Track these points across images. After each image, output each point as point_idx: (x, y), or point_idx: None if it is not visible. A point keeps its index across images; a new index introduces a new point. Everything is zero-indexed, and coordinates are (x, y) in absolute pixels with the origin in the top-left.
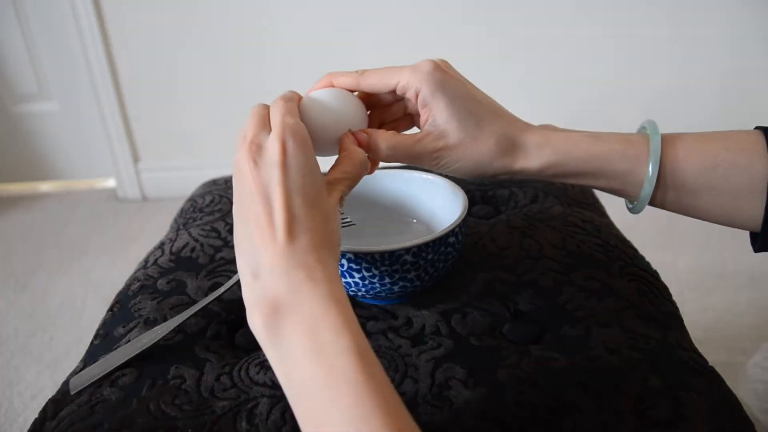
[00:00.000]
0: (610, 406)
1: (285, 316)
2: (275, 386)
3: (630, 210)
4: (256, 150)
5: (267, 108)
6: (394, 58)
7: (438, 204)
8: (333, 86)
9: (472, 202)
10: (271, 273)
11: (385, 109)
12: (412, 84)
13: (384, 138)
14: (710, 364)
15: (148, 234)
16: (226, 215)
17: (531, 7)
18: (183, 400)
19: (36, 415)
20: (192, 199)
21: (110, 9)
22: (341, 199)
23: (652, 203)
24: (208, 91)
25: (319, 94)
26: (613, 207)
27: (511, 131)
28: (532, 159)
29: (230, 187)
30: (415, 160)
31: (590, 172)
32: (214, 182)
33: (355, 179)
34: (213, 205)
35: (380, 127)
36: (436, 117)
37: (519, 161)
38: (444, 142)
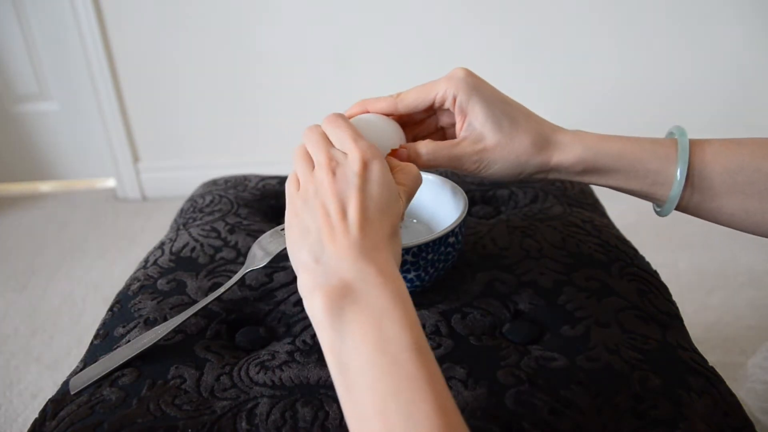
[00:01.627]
0: (610, 406)
1: (351, 303)
2: (275, 386)
3: (658, 213)
4: (336, 165)
5: (320, 128)
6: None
7: (438, 204)
8: (368, 112)
9: (472, 202)
10: (339, 260)
11: (417, 126)
12: (450, 92)
13: (423, 145)
14: (710, 364)
15: (148, 234)
16: (226, 215)
17: (542, 10)
18: (183, 400)
19: (36, 415)
20: (192, 199)
21: (110, 9)
22: (404, 209)
23: (678, 206)
24: (207, 92)
25: (359, 120)
26: (613, 207)
27: (544, 130)
28: (566, 154)
29: (230, 187)
30: (456, 164)
31: (621, 170)
32: (214, 182)
33: (412, 192)
34: (213, 205)
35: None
36: (473, 121)
37: (554, 157)
38: (482, 145)
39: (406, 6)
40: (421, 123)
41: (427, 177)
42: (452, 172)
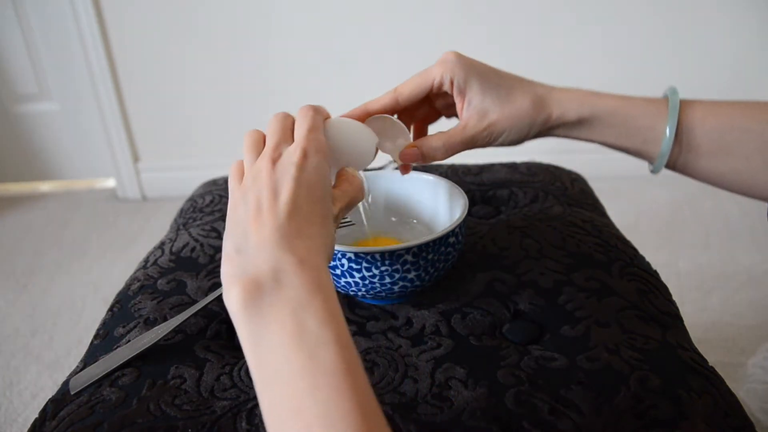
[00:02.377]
0: (610, 406)
1: (267, 296)
2: None
3: (651, 171)
4: (278, 157)
5: (291, 118)
6: (394, 56)
7: (438, 204)
8: (369, 114)
9: (472, 202)
10: (258, 250)
11: (413, 111)
12: (446, 76)
13: (435, 139)
14: (710, 364)
15: (148, 234)
16: (226, 215)
17: (536, 9)
18: (183, 400)
19: (36, 415)
20: (192, 199)
21: (110, 9)
22: (338, 213)
23: (670, 165)
24: (208, 92)
25: (344, 122)
26: (613, 207)
27: (539, 91)
28: (565, 109)
29: None
30: (470, 146)
31: (614, 126)
32: (214, 182)
33: (353, 200)
34: (213, 205)
35: (412, 124)
36: (473, 99)
37: (554, 113)
38: (488, 120)
39: (407, 9)
40: (418, 110)
41: (427, 177)
42: (452, 172)
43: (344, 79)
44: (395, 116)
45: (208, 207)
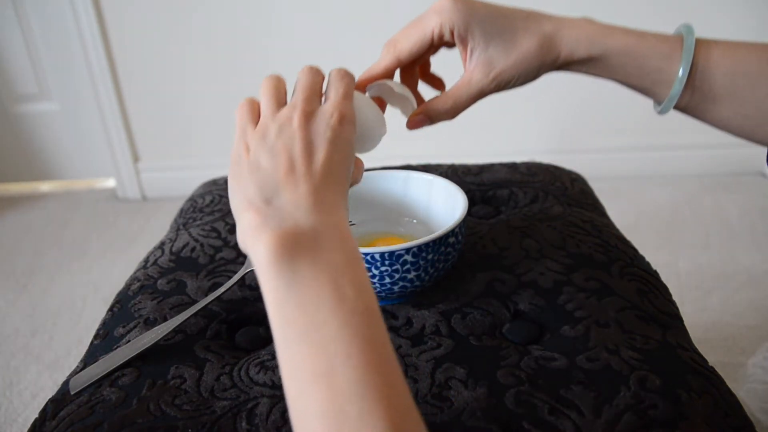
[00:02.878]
0: (610, 406)
1: (306, 254)
2: (275, 386)
3: (658, 112)
4: (312, 112)
5: (322, 75)
6: None
7: (438, 204)
8: (374, 80)
9: (472, 202)
10: (296, 207)
11: (414, 66)
12: (446, 25)
13: (441, 103)
14: (710, 364)
15: (148, 234)
16: (226, 215)
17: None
18: (183, 400)
19: (36, 415)
20: (192, 199)
21: (110, 9)
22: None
23: (678, 106)
24: (208, 92)
25: (362, 99)
26: (613, 207)
27: (547, 29)
28: (574, 50)
29: None
30: (478, 99)
31: (625, 65)
32: (214, 182)
33: (354, 183)
34: (213, 205)
35: (415, 73)
36: (476, 48)
37: (563, 53)
38: (495, 71)
39: (408, 9)
40: (417, 63)
41: (427, 177)
42: (452, 172)
43: None
44: (397, 77)
45: (208, 207)
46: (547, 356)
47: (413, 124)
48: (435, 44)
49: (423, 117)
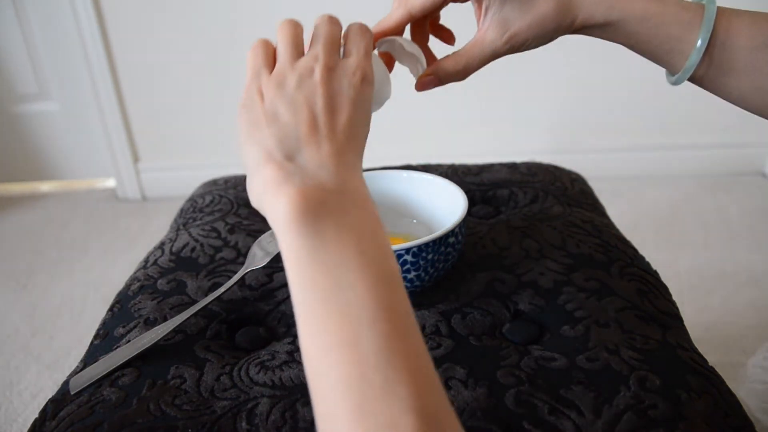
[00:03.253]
0: (610, 406)
1: (332, 215)
2: (275, 386)
3: (672, 82)
4: (335, 66)
5: (340, 27)
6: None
7: (438, 204)
8: (384, 35)
9: (472, 202)
10: (319, 166)
11: (422, 20)
12: None
13: (451, 64)
14: (710, 364)
15: (148, 234)
16: (226, 215)
17: None
18: (183, 400)
19: (36, 415)
20: (192, 199)
21: (110, 9)
22: None
23: (693, 78)
24: (208, 92)
25: (375, 59)
26: (613, 207)
27: None
28: (591, 14)
29: (230, 187)
30: (491, 61)
31: (642, 32)
32: (214, 182)
33: None
34: (213, 205)
35: (425, 29)
36: (492, 6)
37: (580, 17)
38: (509, 32)
39: None
40: (428, 17)
41: (427, 177)
42: (452, 172)
43: None
44: (407, 34)
45: (208, 207)
46: (547, 356)
47: (422, 85)
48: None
49: (433, 78)
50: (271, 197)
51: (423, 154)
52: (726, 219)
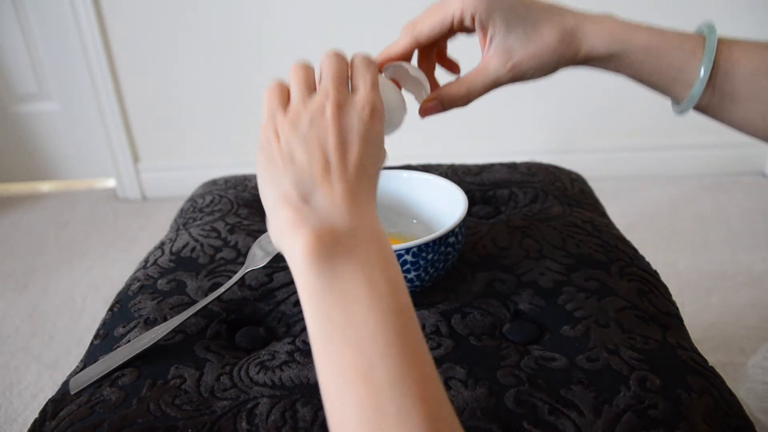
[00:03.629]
0: (610, 406)
1: (344, 253)
2: (275, 386)
3: (677, 112)
4: (344, 102)
5: (347, 62)
6: None
7: (438, 204)
8: (391, 60)
9: (472, 202)
10: (333, 206)
11: (431, 46)
12: (467, 10)
13: (454, 89)
14: (710, 364)
15: (148, 234)
16: (226, 215)
17: None
18: (183, 400)
19: (36, 415)
20: (192, 199)
21: (110, 9)
22: None
23: (698, 107)
24: (208, 92)
25: (386, 84)
26: (613, 207)
27: (568, 23)
28: (594, 46)
29: (230, 187)
30: (493, 88)
31: (646, 62)
32: (214, 182)
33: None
34: (213, 205)
35: (432, 57)
36: (496, 36)
37: (583, 49)
38: (512, 61)
39: (407, 8)
40: (437, 44)
41: (427, 177)
42: (452, 172)
43: None
44: (414, 60)
45: (208, 207)
46: (547, 356)
47: (426, 111)
48: (454, 28)
49: (436, 103)
50: (288, 239)
51: (423, 154)
52: (726, 219)
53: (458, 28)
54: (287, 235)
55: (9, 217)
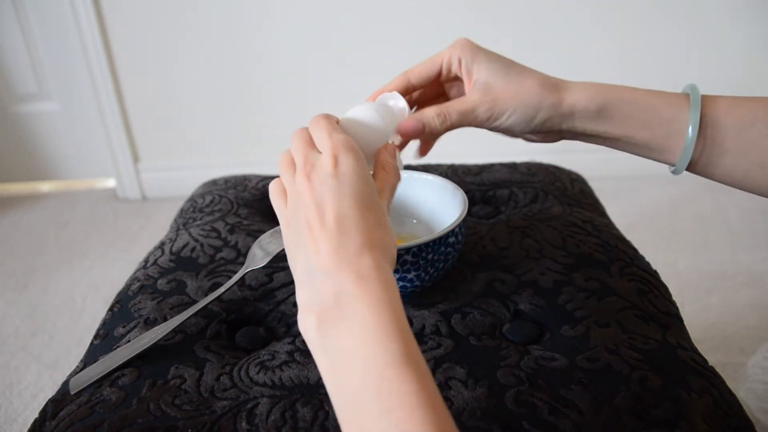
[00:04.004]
0: (610, 406)
1: (334, 320)
2: (275, 386)
3: (673, 171)
4: (311, 169)
5: (308, 131)
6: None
7: (438, 204)
8: (375, 100)
9: (472, 202)
10: (323, 273)
11: (425, 101)
12: (455, 56)
13: (431, 110)
14: (710, 364)
15: (148, 234)
16: (226, 215)
17: (543, 12)
18: (183, 400)
19: (36, 415)
20: (192, 199)
21: (110, 9)
22: (387, 204)
23: (693, 163)
24: (208, 92)
25: (354, 112)
26: (613, 207)
27: (553, 79)
28: (579, 96)
29: (230, 187)
30: (469, 118)
31: (634, 116)
32: (214, 182)
33: (394, 187)
34: (213, 205)
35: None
36: (480, 76)
37: (566, 98)
38: (492, 94)
39: (406, 7)
40: (431, 100)
41: (427, 177)
42: (452, 172)
43: (343, 80)
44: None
45: (208, 207)
46: (547, 356)
47: (405, 128)
48: (443, 74)
49: (416, 122)
50: (302, 325)
51: None
52: (726, 219)
53: (447, 74)
54: (302, 318)
55: (9, 217)
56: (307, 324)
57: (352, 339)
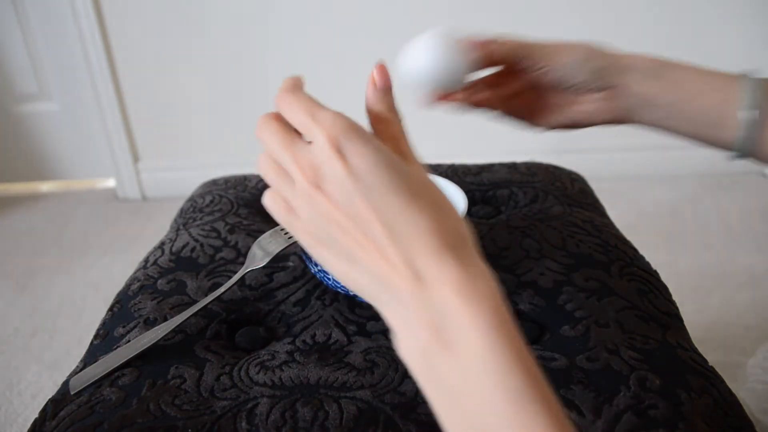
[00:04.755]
0: (610, 406)
1: (434, 350)
2: (275, 386)
3: (735, 152)
4: (314, 174)
5: (276, 119)
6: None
7: None
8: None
9: (472, 202)
10: (404, 299)
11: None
12: (575, 77)
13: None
14: (710, 364)
15: (148, 234)
16: (226, 215)
17: (541, 10)
18: (183, 400)
19: (36, 415)
20: (192, 199)
21: (110, 9)
22: (414, 156)
23: (750, 145)
24: (208, 92)
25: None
26: (613, 207)
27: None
28: (635, 59)
29: (230, 187)
30: (525, 52)
31: (691, 81)
32: (214, 182)
33: (403, 132)
34: (213, 205)
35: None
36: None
37: (623, 56)
38: (550, 48)
39: (406, 7)
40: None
41: None
42: (452, 172)
43: (345, 78)
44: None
45: (208, 207)
46: (547, 356)
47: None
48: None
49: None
50: (401, 353)
51: (423, 154)
52: (726, 219)
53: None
54: (400, 343)
55: (9, 217)
56: (402, 350)
57: (459, 374)
